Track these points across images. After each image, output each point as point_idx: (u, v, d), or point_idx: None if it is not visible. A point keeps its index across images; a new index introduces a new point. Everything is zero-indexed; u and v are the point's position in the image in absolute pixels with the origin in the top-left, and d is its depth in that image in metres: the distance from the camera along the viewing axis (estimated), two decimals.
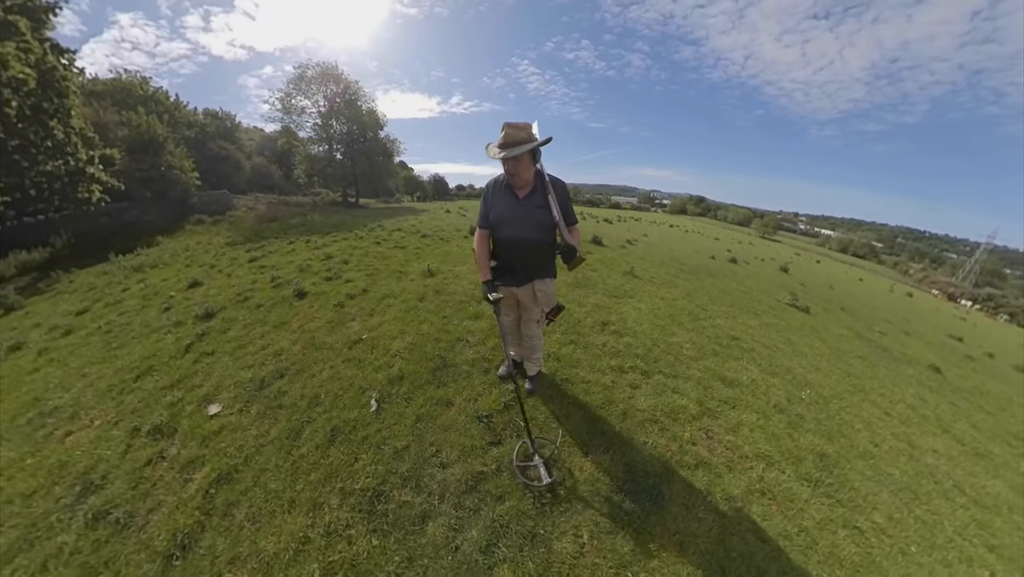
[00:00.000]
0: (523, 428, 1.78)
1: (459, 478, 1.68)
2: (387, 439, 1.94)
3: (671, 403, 2.25)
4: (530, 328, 2.02)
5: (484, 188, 1.88)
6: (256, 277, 4.90)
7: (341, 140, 24.11)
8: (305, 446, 1.94)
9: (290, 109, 22.37)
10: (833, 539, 1.62)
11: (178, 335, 3.37)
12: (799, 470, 1.97)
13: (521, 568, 1.34)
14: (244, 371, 2.65)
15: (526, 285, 1.87)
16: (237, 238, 10.16)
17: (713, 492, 1.68)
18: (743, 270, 8.72)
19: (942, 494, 2.19)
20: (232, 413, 2.24)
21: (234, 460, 1.90)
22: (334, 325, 3.23)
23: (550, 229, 1.73)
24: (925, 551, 1.73)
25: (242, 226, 16.89)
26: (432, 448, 1.86)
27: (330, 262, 5.29)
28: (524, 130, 1.61)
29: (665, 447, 1.89)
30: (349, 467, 1.80)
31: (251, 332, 3.25)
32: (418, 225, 9.36)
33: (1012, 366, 7.25)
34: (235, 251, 7.48)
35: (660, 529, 1.47)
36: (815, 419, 2.54)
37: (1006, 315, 28.99)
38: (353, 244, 6.76)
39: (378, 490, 1.66)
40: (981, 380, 5.10)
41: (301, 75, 22.01)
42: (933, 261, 69.02)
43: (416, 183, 40.64)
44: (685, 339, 3.29)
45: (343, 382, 2.43)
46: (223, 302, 4.01)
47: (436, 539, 1.45)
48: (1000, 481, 2.55)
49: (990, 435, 3.27)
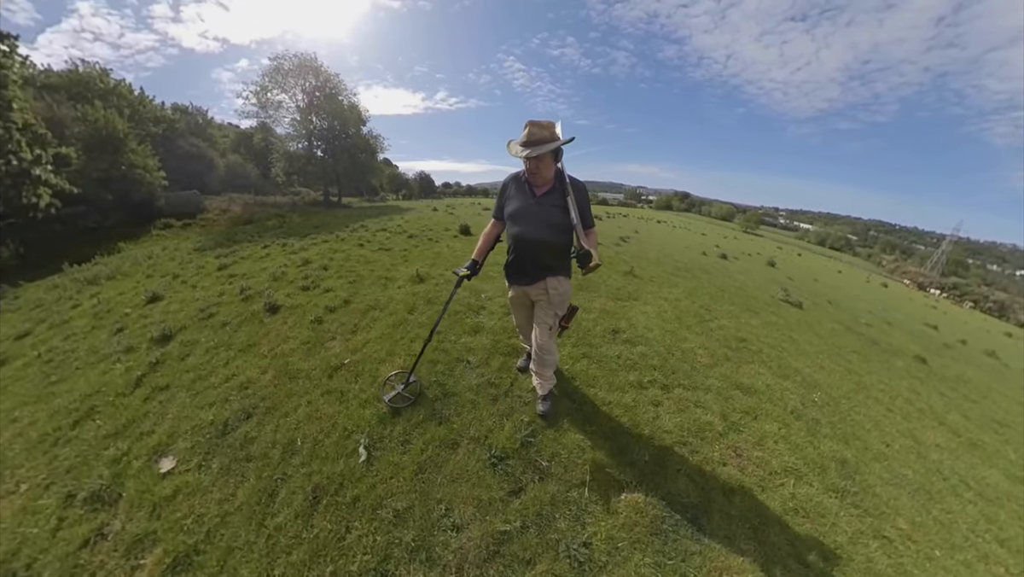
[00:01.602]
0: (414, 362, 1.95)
1: (478, 542, 1.46)
2: (384, 499, 1.63)
3: (696, 420, 2.23)
4: (542, 336, 1.86)
5: (504, 181, 1.86)
6: (224, 288, 4.37)
7: (321, 136, 23.05)
8: (282, 513, 1.60)
9: (266, 104, 21.22)
10: (866, 552, 1.65)
11: (128, 364, 2.87)
12: (825, 481, 1.99)
13: None
14: (204, 411, 2.25)
15: (538, 283, 1.82)
16: (207, 243, 9.51)
17: (751, 517, 1.67)
18: (734, 266, 8.91)
19: (951, 491, 2.28)
20: (189, 469, 1.86)
21: (193, 536, 1.54)
22: (311, 347, 2.84)
23: (564, 230, 1.69)
24: (947, 553, 1.79)
25: (214, 229, 16.01)
26: (441, 506, 1.60)
27: (308, 268, 4.87)
28: (548, 128, 1.59)
29: (698, 472, 1.86)
30: (340, 541, 1.49)
31: (213, 359, 2.81)
32: (404, 225, 8.95)
33: (982, 351, 7.74)
34: (203, 257, 6.88)
35: (705, 570, 1.43)
36: (830, 422, 2.59)
37: (971, 302, 31.00)
38: (334, 247, 6.26)
39: (381, 571, 1.38)
40: (961, 368, 5.40)
41: (277, 67, 20.88)
42: (904, 252, 73.19)
43: (401, 181, 39.78)
44: (696, 344, 3.30)
45: (323, 423, 2.07)
46: (183, 320, 3.51)
47: None
48: (995, 470, 2.69)
49: (979, 424, 3.44)
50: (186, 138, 26.30)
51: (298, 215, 18.32)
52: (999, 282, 58.97)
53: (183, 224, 18.39)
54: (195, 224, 18.69)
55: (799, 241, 60.42)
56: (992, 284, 51.28)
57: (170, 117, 25.41)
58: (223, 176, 27.77)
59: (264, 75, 20.79)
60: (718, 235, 21.62)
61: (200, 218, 19.72)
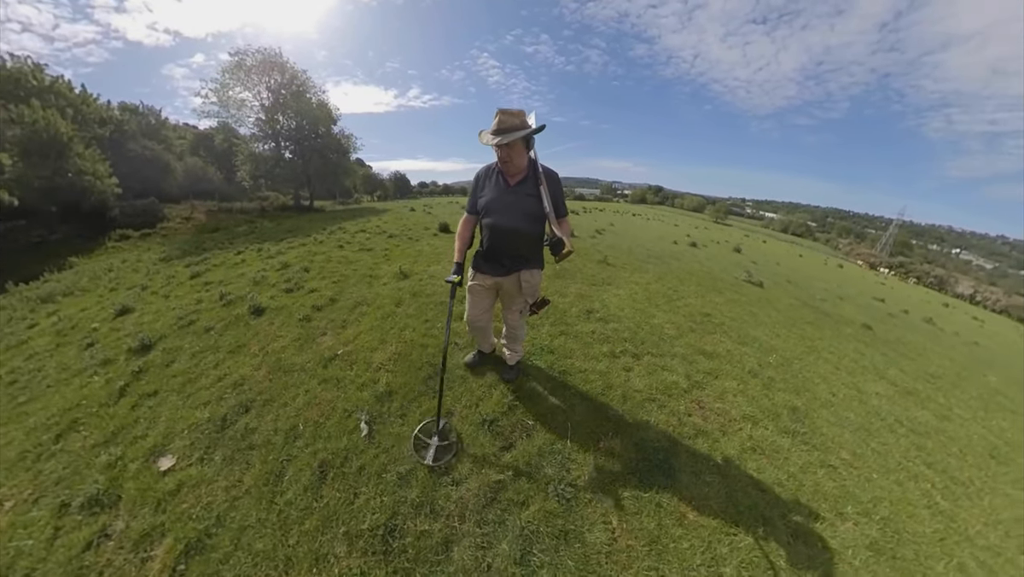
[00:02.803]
0: (436, 407, 1.85)
1: (476, 492, 1.60)
2: (388, 465, 1.74)
3: (663, 380, 2.42)
4: (512, 318, 2.00)
5: (476, 174, 1.83)
6: (201, 296, 4.25)
7: (289, 137, 22.01)
8: (290, 490, 1.67)
9: (228, 102, 19.85)
10: (815, 479, 1.87)
11: (108, 376, 2.76)
12: (778, 425, 2.22)
13: (560, 569, 1.34)
14: (198, 411, 2.23)
15: (512, 275, 1.83)
16: (173, 252, 9.02)
17: (714, 456, 1.86)
18: (703, 253, 9.38)
19: (887, 428, 2.58)
20: (191, 465, 1.87)
21: (203, 523, 1.57)
22: (303, 343, 2.86)
23: (539, 219, 1.68)
24: (883, 475, 2.05)
25: (178, 239, 15.05)
26: (439, 470, 1.73)
27: (288, 271, 4.78)
28: (518, 117, 1.58)
29: (666, 422, 2.04)
30: (349, 506, 1.59)
31: (201, 362, 2.76)
32: (383, 225, 8.86)
33: (922, 319, 8.55)
34: (172, 267, 6.59)
35: (677, 499, 1.60)
36: (783, 379, 2.85)
37: (915, 278, 33.85)
38: (313, 250, 6.16)
39: (389, 525, 1.50)
40: (902, 333, 5.97)
41: (239, 64, 19.60)
42: (857, 236, 79.17)
43: (375, 182, 38.85)
44: (664, 320, 3.52)
45: (323, 407, 2.14)
46: (162, 330, 3.38)
47: (465, 563, 1.37)
48: (926, 411, 3.05)
49: (914, 376, 3.86)
50: (138, 140, 24.38)
51: (269, 220, 17.57)
52: (938, 260, 65.04)
53: (142, 235, 17.20)
54: (155, 234, 17.52)
55: (765, 229, 64.01)
56: (932, 262, 56.30)
57: (118, 118, 23.46)
58: (182, 181, 26.04)
59: (224, 71, 19.54)
60: (689, 225, 22.52)
61: (160, 227, 18.48)
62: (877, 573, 1.47)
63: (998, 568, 1.66)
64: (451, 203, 19.69)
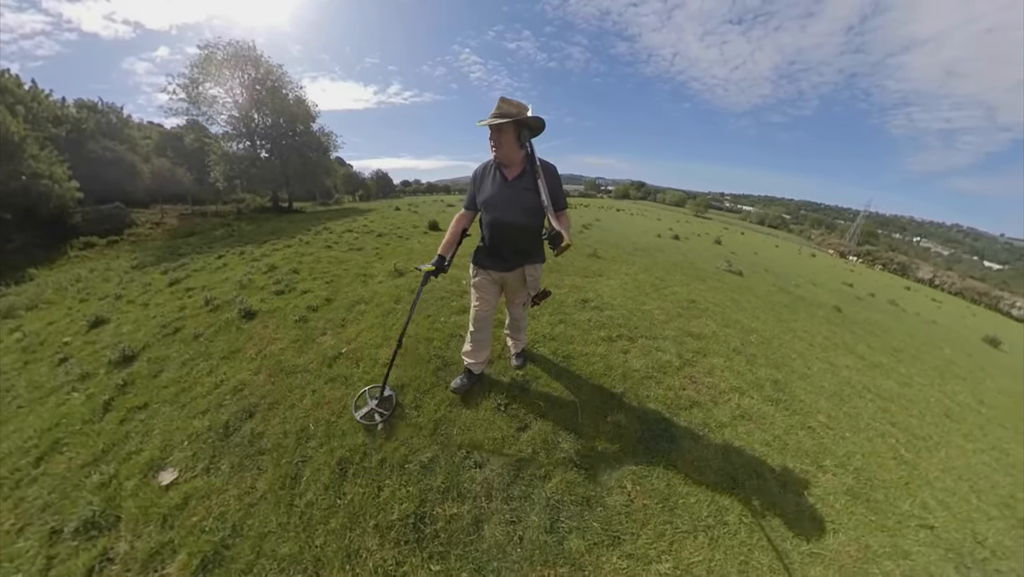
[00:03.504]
0: (385, 376, 1.97)
1: (499, 472, 1.66)
2: (409, 456, 1.76)
3: (658, 360, 2.59)
4: (516, 310, 2.08)
5: (474, 171, 1.84)
6: (183, 302, 4.05)
7: (266, 135, 21.10)
8: (310, 491, 1.64)
9: (198, 99, 18.74)
10: (796, 438, 2.09)
11: (88, 391, 2.58)
12: (762, 395, 2.43)
13: (588, 531, 1.45)
14: (196, 420, 2.12)
15: (516, 270, 1.84)
16: (147, 259, 8.53)
17: (709, 423, 2.04)
18: (685, 245, 9.76)
19: (857, 395, 2.85)
20: (195, 476, 1.78)
21: (218, 534, 1.50)
22: (302, 344, 2.80)
23: (537, 213, 1.67)
24: (855, 434, 2.30)
25: (150, 245, 14.23)
26: (462, 451, 1.77)
27: (276, 273, 4.63)
28: (515, 106, 1.60)
29: (664, 396, 2.21)
30: (375, 499, 1.58)
31: (194, 370, 2.64)
32: (370, 225, 8.74)
33: (886, 301, 9.21)
34: (147, 275, 6.26)
35: (681, 461, 1.76)
36: (764, 355, 3.09)
37: (880, 265, 36.01)
38: (299, 251, 5.99)
39: (419, 513, 1.52)
40: (868, 314, 6.43)
41: (209, 57, 18.51)
42: (828, 227, 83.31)
43: (357, 181, 37.90)
44: (654, 306, 3.71)
45: (333, 405, 2.11)
46: (144, 339, 3.18)
47: (498, 539, 1.43)
48: (890, 380, 3.36)
49: (879, 351, 4.21)
50: (98, 140, 22.66)
51: (247, 222, 16.94)
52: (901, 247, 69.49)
53: (108, 242, 16.17)
54: (123, 241, 16.52)
55: (743, 222, 66.70)
56: (896, 249, 60.08)
57: (75, 116, 21.78)
58: (149, 184, 24.56)
59: (193, 66, 18.43)
60: (672, 220, 23.18)
61: (128, 234, 17.42)
62: (854, 513, 1.68)
63: (953, 504, 1.91)
64: (436, 201, 19.54)
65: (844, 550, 1.50)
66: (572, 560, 1.34)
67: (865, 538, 1.57)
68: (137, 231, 17.97)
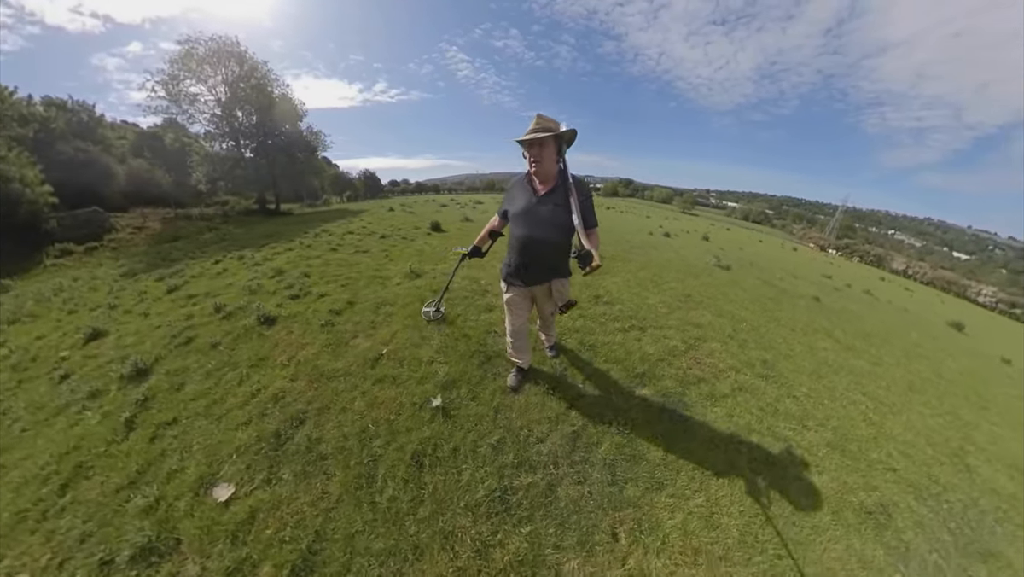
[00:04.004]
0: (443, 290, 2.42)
1: (559, 444, 1.89)
2: (478, 441, 1.89)
3: (666, 345, 2.96)
4: (547, 314, 2.20)
5: (510, 183, 1.92)
6: (189, 310, 3.89)
7: (250, 134, 20.44)
8: (389, 487, 1.68)
9: (178, 97, 17.99)
10: (785, 405, 2.49)
11: (104, 409, 2.42)
12: (754, 372, 2.83)
13: (639, 480, 1.77)
14: (239, 431, 2.05)
15: (543, 284, 1.89)
16: (136, 266, 8.17)
17: (714, 394, 2.42)
18: (676, 242, 10.27)
19: (833, 372, 3.29)
20: (255, 488, 1.73)
21: (302, 542, 1.48)
22: (335, 347, 2.76)
23: (567, 230, 1.67)
24: (831, 401, 2.72)
25: (133, 251, 13.61)
26: (524, 431, 1.96)
27: (285, 278, 4.50)
28: (552, 122, 1.65)
29: (675, 375, 2.58)
30: (457, 483, 1.68)
31: (221, 380, 2.53)
32: (369, 226, 8.70)
33: (862, 291, 9.97)
34: (139, 283, 5.98)
35: (697, 424, 2.14)
36: (754, 340, 3.50)
37: (858, 257, 37.93)
38: (302, 254, 5.87)
39: (501, 488, 1.66)
40: (845, 303, 7.03)
41: (190, 53, 17.77)
42: (808, 222, 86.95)
43: (344, 181, 37.24)
44: (656, 300, 4.08)
45: (388, 405, 2.14)
46: (155, 351, 3.04)
47: (572, 496, 1.65)
48: (862, 360, 3.83)
49: (854, 336, 4.71)
50: (68, 141, 21.28)
51: (235, 226, 16.62)
52: (877, 240, 73.28)
53: (86, 249, 15.37)
54: (103, 248, 15.80)
55: (727, 218, 69.15)
56: (872, 242, 63.34)
57: (42, 115, 20.66)
58: (126, 187, 23.51)
59: (172, 62, 17.69)
60: (660, 217, 23.88)
61: (108, 240, 16.68)
62: (833, 460, 2.08)
63: (912, 454, 2.34)
64: (428, 201, 19.54)
65: (828, 485, 1.89)
66: (633, 503, 1.66)
67: (843, 477, 1.97)
68: (118, 236, 17.25)
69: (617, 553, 1.45)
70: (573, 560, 1.42)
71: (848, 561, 1.54)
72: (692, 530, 1.55)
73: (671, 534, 1.52)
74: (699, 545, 1.49)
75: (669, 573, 1.38)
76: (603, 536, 1.51)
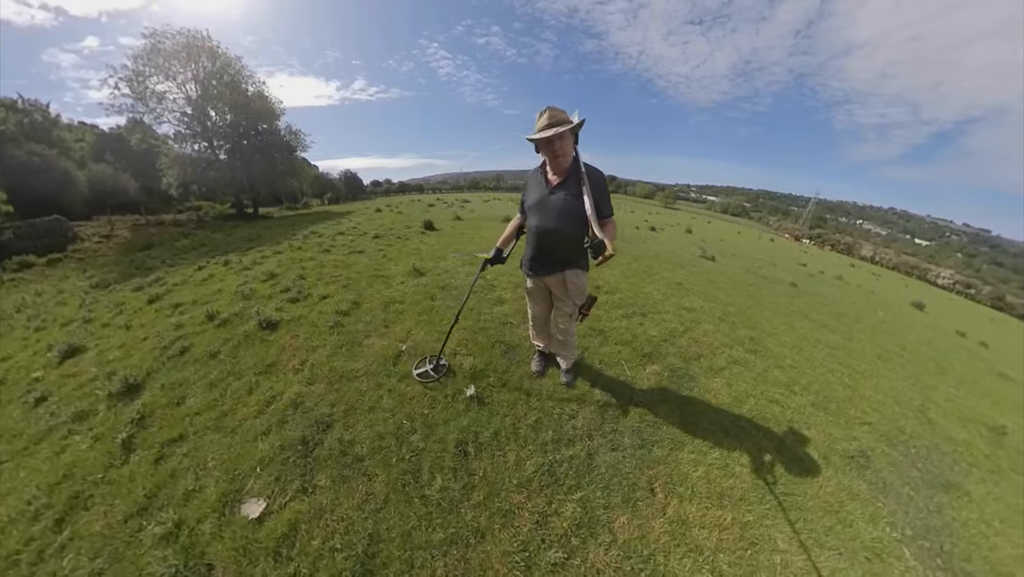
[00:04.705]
0: (441, 346, 2.29)
1: (590, 418, 2.06)
2: (517, 424, 1.97)
3: (667, 328, 3.22)
4: (561, 322, 2.04)
5: (527, 177, 1.92)
6: (178, 319, 3.61)
7: (224, 135, 19.46)
8: (438, 479, 1.68)
9: (144, 95, 16.83)
10: (774, 375, 2.79)
11: (94, 433, 2.19)
12: (744, 347, 3.13)
13: (664, 442, 1.97)
14: (260, 443, 1.92)
15: (557, 274, 1.86)
16: (107, 276, 7.37)
17: (713, 367, 2.69)
18: (662, 235, 10.72)
19: (811, 346, 3.65)
20: (290, 500, 1.63)
21: (356, 547, 1.43)
22: (349, 348, 2.70)
23: (579, 220, 1.63)
24: (813, 370, 3.06)
25: (102, 261, 12.55)
26: (556, 410, 2.09)
27: (280, 281, 4.32)
28: (563, 112, 1.64)
29: (678, 352, 2.83)
30: (506, 465, 1.74)
31: (228, 391, 2.37)
32: (359, 227, 8.53)
33: (833, 276, 10.72)
34: (114, 294, 5.51)
35: (702, 392, 2.39)
36: (741, 321, 3.81)
37: (829, 246, 40.19)
38: (294, 256, 5.69)
39: (547, 462, 1.77)
40: (819, 288, 7.59)
41: (156, 48, 16.67)
42: (784, 214, 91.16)
43: (325, 183, 36.08)
44: (652, 289, 4.35)
45: (419, 400, 2.13)
46: (145, 365, 2.81)
47: (609, 461, 1.82)
48: (836, 335, 4.24)
49: (827, 316, 5.14)
50: (20, 144, 19.39)
51: (213, 231, 15.98)
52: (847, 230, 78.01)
53: (49, 261, 14.25)
54: (68, 259, 14.66)
55: (708, 211, 72.40)
56: (842, 232, 67.32)
57: None
58: (88, 194, 21.90)
59: (137, 58, 16.45)
60: (644, 212, 24.61)
61: (73, 250, 15.50)
62: (818, 417, 2.39)
63: (883, 411, 2.68)
64: (413, 201, 19.40)
65: (816, 437, 2.18)
66: (662, 461, 1.86)
67: (828, 430, 2.27)
68: (83, 246, 16.10)
69: (657, 505, 1.64)
70: (622, 516, 1.59)
71: (839, 495, 1.81)
72: (714, 478, 1.77)
73: (697, 484, 1.74)
74: (722, 490, 1.72)
75: (702, 516, 1.60)
76: (643, 492, 1.69)
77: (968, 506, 1.97)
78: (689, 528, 1.55)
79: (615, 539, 1.50)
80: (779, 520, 1.63)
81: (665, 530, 1.53)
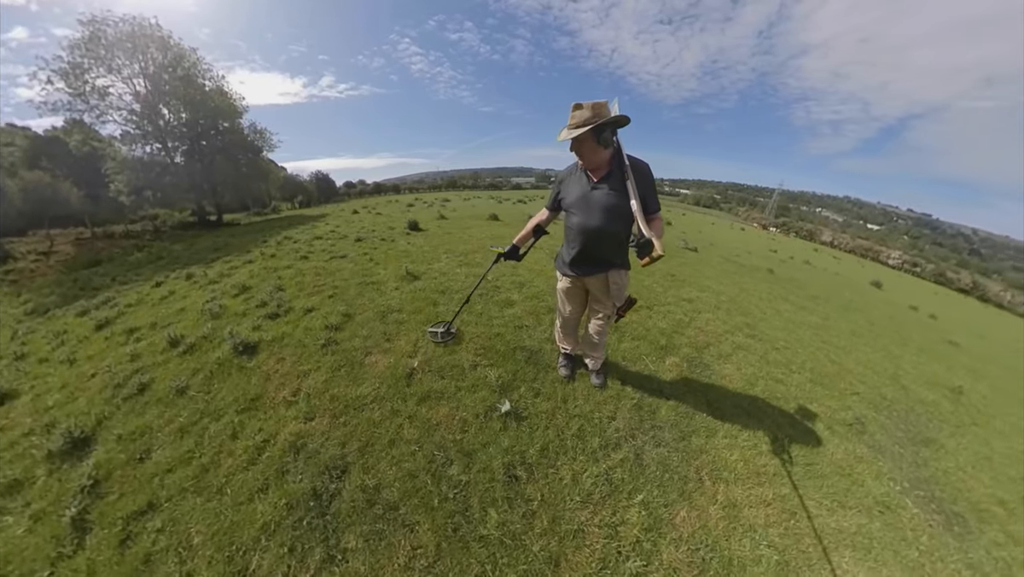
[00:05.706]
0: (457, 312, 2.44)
1: (630, 418, 2.04)
2: (562, 436, 1.88)
3: (673, 319, 3.42)
4: (598, 324, 1.97)
5: (560, 173, 1.84)
6: (134, 348, 3.00)
7: (180, 135, 17.79)
8: (492, 513, 1.50)
9: (83, 91, 14.89)
10: (773, 356, 3.06)
11: (32, 510, 1.67)
12: (743, 333, 3.40)
13: (699, 431, 2.03)
14: (257, 503, 1.56)
15: (599, 275, 1.77)
16: (45, 300, 6.39)
17: (721, 353, 2.91)
18: None
19: (797, 327, 4.00)
20: (315, 574, 1.33)
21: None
22: (349, 370, 2.33)
23: (623, 217, 1.56)
24: (803, 349, 3.37)
25: (40, 282, 10.58)
26: (595, 414, 2.04)
27: (255, 294, 3.80)
28: (588, 109, 1.47)
29: (688, 342, 3.02)
30: (562, 482, 1.65)
31: (205, 437, 1.93)
32: (339, 230, 7.92)
33: (802, 262, 11.60)
34: (54, 321, 4.74)
35: (716, 376, 2.59)
36: (735, 309, 4.11)
37: (793, 233, 43.31)
38: (267, 265, 5.04)
39: (600, 468, 1.73)
40: (792, 273, 8.21)
41: (95, 37, 14.72)
42: (751, 204, 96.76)
43: (295, 185, 34.22)
44: (651, 282, 4.56)
45: (447, 425, 1.89)
46: (95, 410, 2.25)
47: (657, 458, 1.83)
48: (814, 316, 4.66)
49: (804, 298, 5.61)
50: None
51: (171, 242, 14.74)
52: (808, 218, 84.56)
53: None
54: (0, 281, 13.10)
55: (682, 204, 76.89)
56: (804, 220, 72.70)
57: None
58: (22, 206, 19.56)
59: (74, 48, 14.27)
60: None
61: (3, 272, 13.47)
62: (815, 390, 2.67)
63: (865, 380, 3.02)
64: (391, 202, 18.91)
65: (819, 410, 2.44)
66: (702, 450, 1.93)
67: (826, 403, 2.54)
68: (17, 266, 14.07)
69: (709, 492, 1.70)
70: (681, 510, 1.59)
71: (848, 460, 2.04)
72: (749, 459, 1.91)
73: (737, 466, 1.85)
74: (758, 469, 1.86)
75: (747, 496, 1.73)
76: (694, 483, 1.73)
77: (945, 457, 2.28)
78: (740, 509, 1.64)
79: (681, 535, 1.50)
80: (808, 488, 1.81)
81: (721, 516, 1.60)
